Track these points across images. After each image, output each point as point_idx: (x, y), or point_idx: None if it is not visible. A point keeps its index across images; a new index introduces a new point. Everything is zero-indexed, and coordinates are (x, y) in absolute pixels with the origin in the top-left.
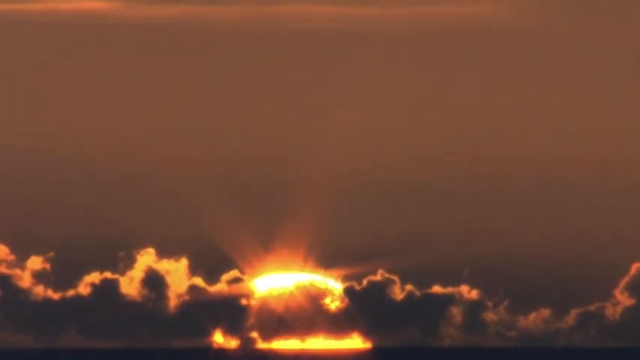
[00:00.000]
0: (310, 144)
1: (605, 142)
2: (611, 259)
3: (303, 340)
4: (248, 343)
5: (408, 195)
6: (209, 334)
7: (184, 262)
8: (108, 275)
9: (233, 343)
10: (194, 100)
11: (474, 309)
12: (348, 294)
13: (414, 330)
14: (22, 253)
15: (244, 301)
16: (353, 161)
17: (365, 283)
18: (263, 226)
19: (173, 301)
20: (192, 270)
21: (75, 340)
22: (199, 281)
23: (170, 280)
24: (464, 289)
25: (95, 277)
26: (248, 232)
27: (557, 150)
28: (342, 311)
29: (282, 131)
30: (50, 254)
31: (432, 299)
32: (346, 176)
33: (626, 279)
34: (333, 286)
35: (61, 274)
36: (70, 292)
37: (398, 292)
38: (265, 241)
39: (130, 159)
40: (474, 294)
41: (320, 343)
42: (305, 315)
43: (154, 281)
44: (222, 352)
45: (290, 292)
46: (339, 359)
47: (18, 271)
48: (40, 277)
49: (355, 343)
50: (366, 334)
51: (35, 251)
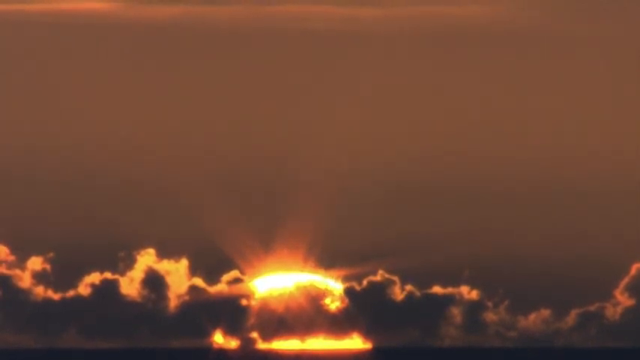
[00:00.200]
0: (310, 144)
1: (605, 142)
2: (611, 259)
3: (303, 341)
4: (248, 343)
5: (407, 195)
6: (209, 334)
7: (184, 263)
8: (108, 276)
9: (233, 343)
10: (194, 100)
11: (474, 309)
12: (348, 294)
13: (414, 330)
14: (22, 253)
15: (244, 302)
16: (353, 161)
17: (365, 283)
18: (263, 226)
19: (173, 302)
20: (193, 270)
21: (75, 341)
22: (199, 282)
23: (170, 281)
24: (464, 289)
25: (95, 278)
26: (248, 232)
27: (557, 150)
28: (342, 311)
29: (282, 131)
30: (50, 254)
31: (432, 299)
32: (346, 176)
33: (626, 279)
34: (333, 287)
35: (61, 274)
36: (70, 293)
37: (398, 293)
38: (265, 241)
39: (130, 159)
40: (474, 294)
41: (320, 343)
42: (305, 315)
43: (154, 282)
44: (223, 352)
45: (290, 293)
46: (339, 359)
47: (18, 272)
48: (40, 277)
49: (355, 343)
50: (366, 334)
51: (35, 252)
